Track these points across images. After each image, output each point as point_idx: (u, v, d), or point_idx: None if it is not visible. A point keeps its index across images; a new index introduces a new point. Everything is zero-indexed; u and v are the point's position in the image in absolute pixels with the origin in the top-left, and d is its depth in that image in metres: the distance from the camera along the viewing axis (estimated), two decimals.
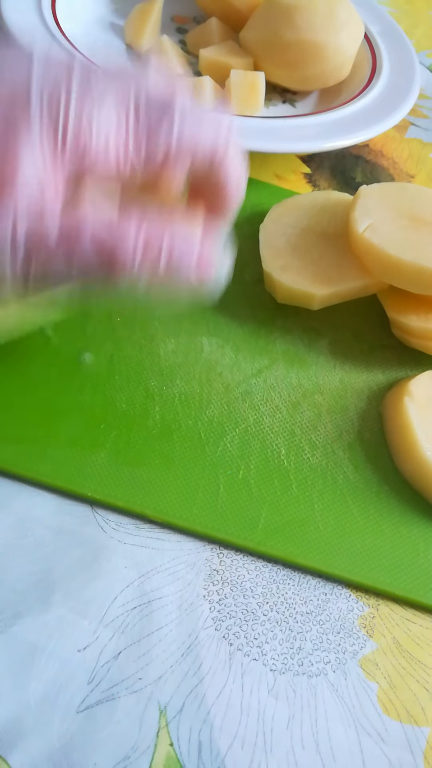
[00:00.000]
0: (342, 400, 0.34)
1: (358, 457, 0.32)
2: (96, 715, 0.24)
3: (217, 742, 0.24)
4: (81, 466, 0.29)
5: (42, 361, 0.32)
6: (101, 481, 0.29)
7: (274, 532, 0.29)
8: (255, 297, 0.37)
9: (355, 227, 0.34)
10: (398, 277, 0.33)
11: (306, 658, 0.27)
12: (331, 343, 0.36)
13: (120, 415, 0.31)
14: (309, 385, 0.34)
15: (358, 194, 0.36)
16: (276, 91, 0.51)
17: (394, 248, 0.33)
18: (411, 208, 0.35)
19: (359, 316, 0.38)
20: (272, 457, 0.31)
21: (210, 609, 0.27)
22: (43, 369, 0.32)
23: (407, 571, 0.29)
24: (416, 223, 0.34)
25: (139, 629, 0.26)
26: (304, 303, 0.35)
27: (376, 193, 0.36)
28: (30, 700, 0.24)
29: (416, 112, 0.55)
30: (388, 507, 0.31)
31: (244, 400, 0.33)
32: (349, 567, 0.28)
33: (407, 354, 0.37)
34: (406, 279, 0.33)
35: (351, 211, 0.35)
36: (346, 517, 0.30)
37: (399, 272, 0.33)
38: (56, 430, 0.30)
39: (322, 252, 0.35)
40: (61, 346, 0.33)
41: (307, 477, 0.31)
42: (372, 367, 0.36)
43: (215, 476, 0.30)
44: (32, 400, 0.31)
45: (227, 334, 0.35)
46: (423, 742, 0.25)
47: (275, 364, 0.35)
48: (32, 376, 0.31)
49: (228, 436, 0.31)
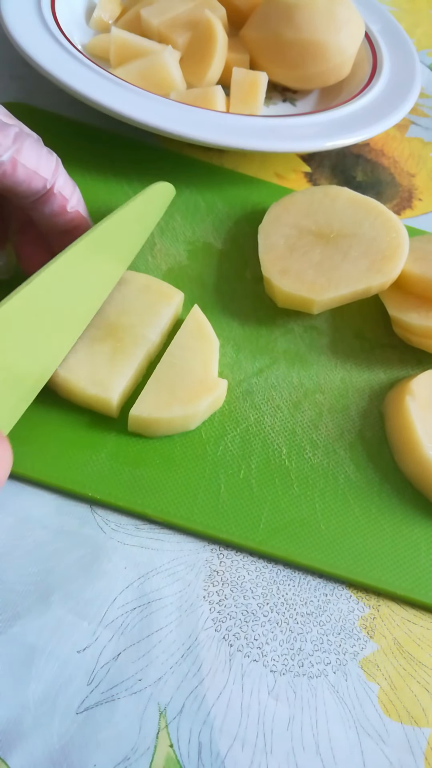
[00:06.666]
0: (343, 399, 0.34)
1: (359, 457, 0.32)
2: (96, 716, 0.24)
3: (217, 744, 0.24)
4: (81, 466, 0.29)
5: None
6: (102, 480, 0.29)
7: (275, 532, 0.29)
8: (256, 296, 0.37)
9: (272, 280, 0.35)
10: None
11: (306, 659, 0.27)
12: (332, 342, 0.36)
13: (120, 414, 0.31)
14: (310, 384, 0.34)
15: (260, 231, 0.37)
16: (276, 90, 0.51)
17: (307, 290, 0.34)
18: (316, 221, 0.36)
19: (361, 315, 0.38)
20: (273, 456, 0.31)
21: (210, 610, 0.27)
22: None
23: (409, 571, 0.29)
24: (321, 239, 0.35)
25: (139, 630, 0.26)
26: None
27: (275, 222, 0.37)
28: (29, 701, 0.24)
29: (417, 111, 0.55)
30: (389, 506, 0.30)
31: (245, 400, 0.33)
32: (350, 566, 0.28)
33: (409, 353, 0.37)
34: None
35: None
36: (348, 516, 0.30)
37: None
38: (57, 430, 0.30)
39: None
40: None
41: (309, 476, 0.31)
42: (373, 366, 0.36)
43: (216, 476, 0.30)
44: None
45: (228, 333, 0.35)
46: (423, 743, 0.25)
47: (276, 363, 0.35)
48: None
49: (229, 436, 0.31)
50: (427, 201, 0.47)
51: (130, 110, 0.38)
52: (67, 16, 0.47)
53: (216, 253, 0.39)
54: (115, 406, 0.30)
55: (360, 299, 0.35)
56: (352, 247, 0.35)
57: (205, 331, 0.32)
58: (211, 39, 0.46)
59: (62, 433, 0.30)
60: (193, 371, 0.31)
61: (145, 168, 0.42)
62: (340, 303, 0.35)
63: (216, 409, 0.32)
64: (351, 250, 0.35)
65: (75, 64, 0.40)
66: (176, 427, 0.30)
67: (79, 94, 0.38)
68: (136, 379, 0.31)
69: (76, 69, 0.40)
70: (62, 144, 0.36)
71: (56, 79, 0.39)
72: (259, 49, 0.48)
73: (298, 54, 0.46)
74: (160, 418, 0.29)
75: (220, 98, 0.44)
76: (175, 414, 0.29)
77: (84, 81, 0.39)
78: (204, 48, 0.46)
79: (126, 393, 0.31)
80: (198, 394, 0.30)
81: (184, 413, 0.29)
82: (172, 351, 0.31)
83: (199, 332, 0.32)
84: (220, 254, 0.39)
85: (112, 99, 0.38)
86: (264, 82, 0.46)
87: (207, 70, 0.46)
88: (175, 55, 0.45)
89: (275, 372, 0.34)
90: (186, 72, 0.46)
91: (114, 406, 0.30)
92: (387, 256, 0.34)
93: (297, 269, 0.35)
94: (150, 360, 0.32)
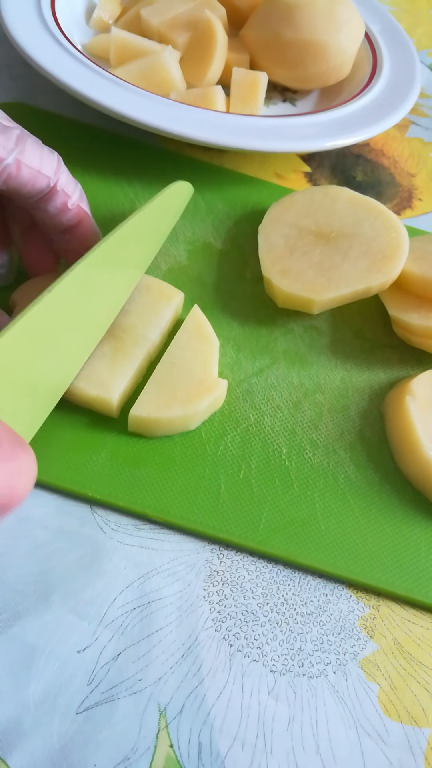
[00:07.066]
0: (343, 400, 0.34)
1: (359, 457, 0.32)
2: (95, 716, 0.24)
3: (217, 744, 0.24)
4: (82, 466, 0.29)
5: None
6: (102, 480, 0.29)
7: (275, 532, 0.29)
8: (256, 296, 0.37)
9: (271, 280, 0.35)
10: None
11: (306, 659, 0.27)
12: (332, 342, 0.36)
13: (120, 414, 0.31)
14: (310, 384, 0.34)
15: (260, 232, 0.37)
16: (276, 90, 0.51)
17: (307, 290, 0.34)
18: (316, 221, 0.36)
19: (360, 315, 0.38)
20: (273, 456, 0.31)
21: (210, 610, 0.27)
22: None
23: (409, 571, 0.29)
24: (321, 238, 0.35)
25: (139, 630, 0.26)
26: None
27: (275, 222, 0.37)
28: (29, 701, 0.24)
29: (417, 111, 0.55)
30: (389, 506, 0.30)
31: (245, 400, 0.33)
32: (350, 566, 0.28)
33: (408, 353, 0.37)
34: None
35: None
36: (348, 516, 0.30)
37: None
38: (56, 430, 0.30)
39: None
40: None
41: (309, 476, 0.31)
42: (373, 366, 0.36)
43: (216, 476, 0.30)
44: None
45: (228, 333, 0.35)
46: (424, 743, 0.25)
47: (276, 363, 0.35)
48: None
49: (229, 436, 0.31)
50: (427, 201, 0.47)
51: (130, 110, 0.38)
52: (67, 16, 0.47)
53: (216, 253, 0.39)
54: (115, 407, 0.30)
55: (360, 299, 0.35)
56: (352, 247, 0.35)
57: (205, 331, 0.32)
58: (211, 39, 0.46)
59: (62, 434, 0.30)
60: (193, 371, 0.31)
61: (145, 167, 0.42)
62: (340, 303, 0.35)
63: (216, 409, 0.32)
64: (351, 250, 0.35)
65: (75, 64, 0.40)
66: (176, 427, 0.30)
67: (79, 94, 0.38)
68: (136, 379, 0.31)
69: (76, 69, 0.40)
70: (62, 144, 0.37)
71: (56, 79, 0.39)
72: (259, 49, 0.48)
73: (298, 54, 0.46)
74: (160, 418, 0.29)
75: (220, 98, 0.44)
76: (175, 414, 0.29)
77: (84, 81, 0.39)
78: (204, 48, 0.46)
79: (126, 393, 0.31)
80: (198, 394, 0.30)
81: (184, 413, 0.29)
82: (172, 351, 0.31)
83: (199, 332, 0.32)
84: (220, 254, 0.39)
85: (112, 99, 0.38)
86: (264, 82, 0.46)
87: (207, 70, 0.46)
88: (175, 55, 0.45)
89: (275, 372, 0.34)
90: (186, 72, 0.46)
91: (114, 406, 0.30)
92: (387, 256, 0.34)
93: (297, 269, 0.35)
94: (150, 360, 0.32)
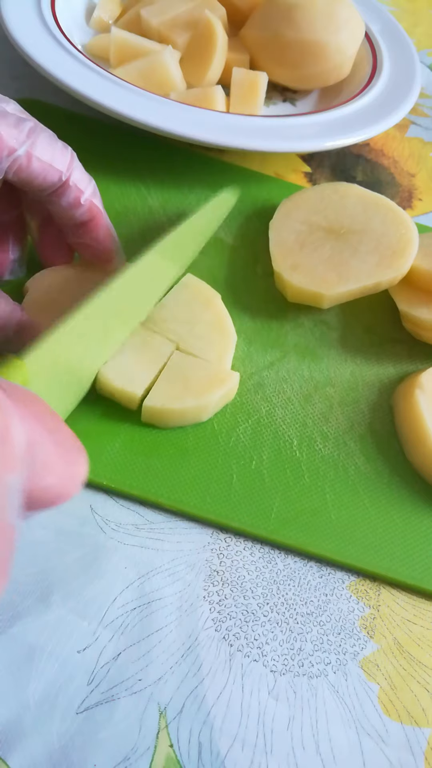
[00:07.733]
0: (353, 393, 0.34)
1: (369, 449, 0.32)
2: (95, 716, 0.24)
3: (218, 744, 0.24)
4: (96, 456, 0.29)
5: None
6: (116, 470, 0.29)
7: (286, 522, 0.29)
8: (266, 291, 0.38)
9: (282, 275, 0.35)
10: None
11: (306, 659, 0.27)
12: (342, 336, 0.37)
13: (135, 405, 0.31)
14: (320, 377, 0.35)
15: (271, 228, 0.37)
16: (276, 90, 0.51)
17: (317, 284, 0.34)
18: (326, 217, 0.36)
19: (370, 310, 0.38)
20: (284, 447, 0.31)
21: (210, 610, 0.27)
22: None
23: (418, 561, 0.29)
24: (331, 234, 0.35)
25: (139, 630, 0.26)
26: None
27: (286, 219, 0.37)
28: (29, 701, 0.24)
29: (417, 111, 0.55)
30: (398, 497, 0.31)
31: (257, 392, 0.33)
32: (360, 556, 0.29)
33: (418, 347, 0.37)
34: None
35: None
36: (358, 507, 0.30)
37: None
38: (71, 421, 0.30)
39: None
40: None
41: (319, 468, 0.31)
42: (383, 360, 0.36)
43: (228, 466, 0.30)
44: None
45: (239, 327, 0.36)
46: (424, 743, 0.25)
47: (287, 356, 0.35)
48: None
49: (241, 427, 0.32)
50: (427, 201, 0.47)
51: (130, 110, 0.38)
52: (67, 16, 0.47)
53: (227, 248, 0.39)
54: (138, 400, 0.30)
55: (370, 294, 0.35)
56: (362, 242, 0.35)
57: (224, 324, 0.33)
58: (211, 39, 0.46)
59: (77, 423, 0.30)
60: (207, 363, 0.31)
61: (156, 165, 0.43)
62: (350, 298, 0.35)
63: (228, 401, 0.32)
64: (361, 246, 0.35)
65: (75, 64, 0.40)
66: (189, 418, 0.30)
67: (79, 94, 0.38)
68: (159, 373, 0.31)
69: (76, 69, 0.40)
70: (75, 140, 0.36)
71: (56, 79, 0.39)
72: (259, 49, 0.48)
73: (298, 54, 0.46)
74: (173, 409, 0.30)
75: (220, 98, 0.44)
76: (188, 405, 0.30)
77: (84, 81, 0.39)
78: (204, 48, 0.46)
79: (149, 387, 0.31)
80: (210, 387, 0.30)
81: (196, 405, 0.30)
82: (188, 342, 0.32)
83: (219, 325, 0.33)
84: (231, 249, 0.39)
85: (112, 99, 0.38)
86: (264, 82, 0.46)
87: (207, 70, 0.46)
88: (175, 55, 0.45)
89: (286, 365, 0.35)
90: (186, 72, 0.46)
91: (137, 400, 0.30)
92: (397, 251, 0.34)
93: (307, 264, 0.35)
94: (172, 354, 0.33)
